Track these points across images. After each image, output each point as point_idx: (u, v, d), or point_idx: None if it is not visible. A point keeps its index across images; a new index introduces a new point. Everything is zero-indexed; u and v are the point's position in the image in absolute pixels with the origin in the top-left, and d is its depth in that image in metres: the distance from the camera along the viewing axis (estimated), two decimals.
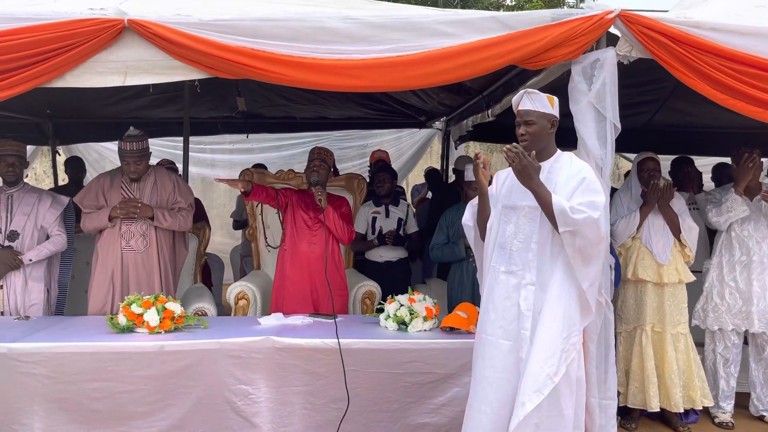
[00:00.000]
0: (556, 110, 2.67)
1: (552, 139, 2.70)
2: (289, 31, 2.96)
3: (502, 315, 2.64)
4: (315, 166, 3.80)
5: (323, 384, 3.02)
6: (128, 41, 2.97)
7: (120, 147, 3.77)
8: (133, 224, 3.69)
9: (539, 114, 2.64)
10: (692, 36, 2.97)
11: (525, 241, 2.65)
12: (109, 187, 3.78)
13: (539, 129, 2.65)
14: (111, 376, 2.91)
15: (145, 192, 3.79)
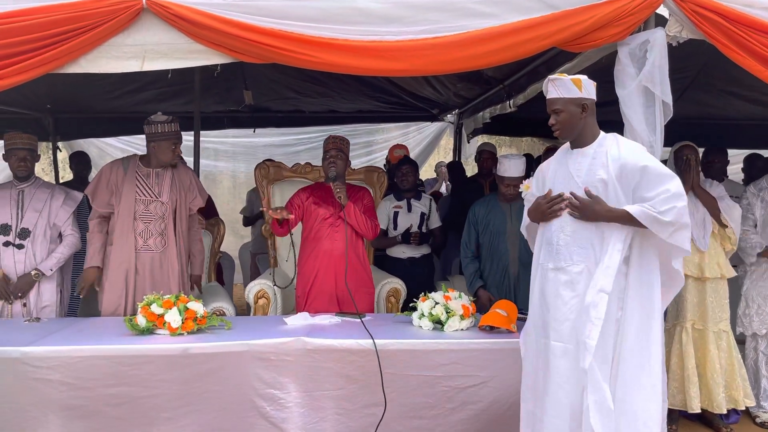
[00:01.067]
0: (587, 91, 2.47)
1: (589, 123, 2.51)
2: (319, 12, 2.78)
3: (554, 315, 2.48)
4: (331, 156, 3.56)
5: (357, 388, 2.84)
6: (147, 23, 2.79)
7: (155, 131, 3.38)
8: (152, 223, 3.43)
9: (565, 100, 2.47)
10: (745, 14, 2.82)
11: (573, 234, 2.49)
12: (123, 179, 3.45)
13: (568, 116, 2.48)
14: (131, 380, 2.71)
15: (164, 188, 3.46)
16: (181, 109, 6.23)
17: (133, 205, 3.39)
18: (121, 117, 6.59)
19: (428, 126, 7.82)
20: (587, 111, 2.48)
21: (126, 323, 2.91)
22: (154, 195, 3.44)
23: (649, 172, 2.38)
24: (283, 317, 3.22)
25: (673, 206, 2.32)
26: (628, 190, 2.40)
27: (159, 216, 3.44)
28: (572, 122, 2.49)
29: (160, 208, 3.44)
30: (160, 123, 3.38)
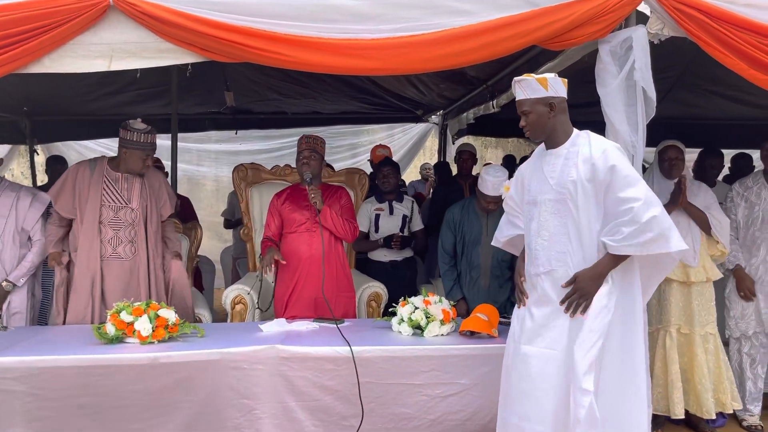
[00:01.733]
0: (554, 90, 2.41)
1: (560, 122, 2.45)
2: (292, 9, 2.70)
3: (538, 321, 2.41)
4: (305, 157, 3.45)
5: (333, 398, 2.75)
6: (114, 21, 2.70)
7: (130, 138, 3.24)
8: (121, 230, 3.31)
9: (532, 101, 2.43)
10: (728, 11, 2.77)
11: (550, 238, 2.43)
12: (89, 182, 3.29)
13: (536, 117, 2.44)
14: (99, 391, 2.61)
15: (134, 193, 3.34)
16: (160, 111, 6.14)
17: (98, 211, 3.27)
18: (100, 119, 6.49)
19: (413, 127, 7.76)
20: (556, 110, 2.43)
21: (94, 332, 2.81)
22: (124, 201, 3.33)
23: (617, 174, 2.32)
24: (259, 324, 3.13)
25: (643, 221, 2.26)
26: (600, 190, 2.35)
27: (129, 223, 3.33)
28: (541, 122, 2.44)
29: (129, 214, 3.33)
30: (136, 131, 3.26)
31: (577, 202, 2.36)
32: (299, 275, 3.43)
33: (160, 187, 3.49)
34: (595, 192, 2.34)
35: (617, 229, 2.30)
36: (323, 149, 3.56)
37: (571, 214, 2.39)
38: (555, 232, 2.41)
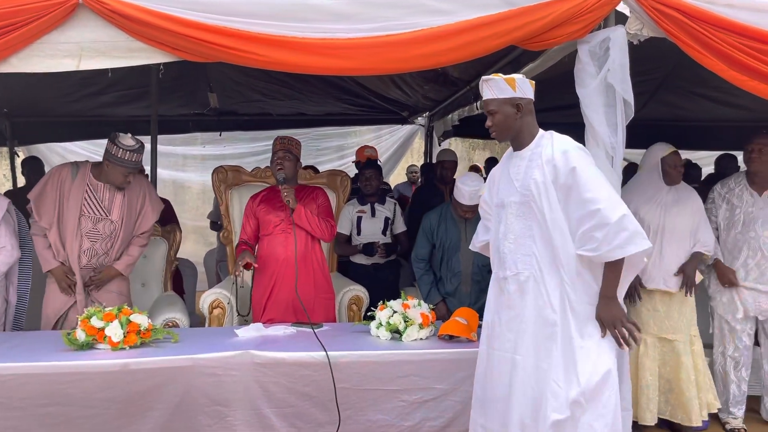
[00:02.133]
0: (522, 91, 2.38)
1: (526, 123, 2.42)
2: (266, 8, 2.64)
3: (508, 326, 2.38)
4: (279, 158, 3.41)
5: (309, 405, 2.69)
6: (83, 20, 2.63)
7: (115, 153, 3.15)
8: (98, 242, 3.27)
9: (499, 101, 2.39)
10: (708, 11, 2.73)
11: (516, 241, 2.40)
12: (69, 188, 3.21)
13: (503, 117, 2.40)
14: (68, 399, 2.54)
15: (114, 204, 3.26)
16: (142, 113, 6.07)
17: (77, 220, 3.21)
18: (82, 120, 6.40)
19: (400, 129, 7.72)
20: (522, 111, 2.39)
21: (64, 338, 2.74)
22: (104, 212, 3.26)
23: (578, 174, 2.27)
24: (235, 329, 3.07)
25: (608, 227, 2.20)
26: (562, 191, 2.30)
27: (107, 235, 3.28)
28: (507, 123, 2.40)
29: (108, 226, 3.28)
30: (122, 148, 3.15)
31: (541, 204, 2.32)
32: (276, 277, 3.38)
33: (144, 198, 3.40)
34: (558, 194, 2.30)
35: (589, 236, 2.23)
36: (298, 150, 3.51)
37: (536, 216, 2.35)
38: (520, 234, 2.38)
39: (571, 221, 2.28)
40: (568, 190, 2.28)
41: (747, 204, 3.61)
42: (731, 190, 3.69)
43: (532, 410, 2.28)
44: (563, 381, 2.23)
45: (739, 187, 3.67)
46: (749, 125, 6.28)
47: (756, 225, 3.57)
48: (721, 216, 3.69)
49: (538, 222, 2.34)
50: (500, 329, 2.40)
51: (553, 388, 2.23)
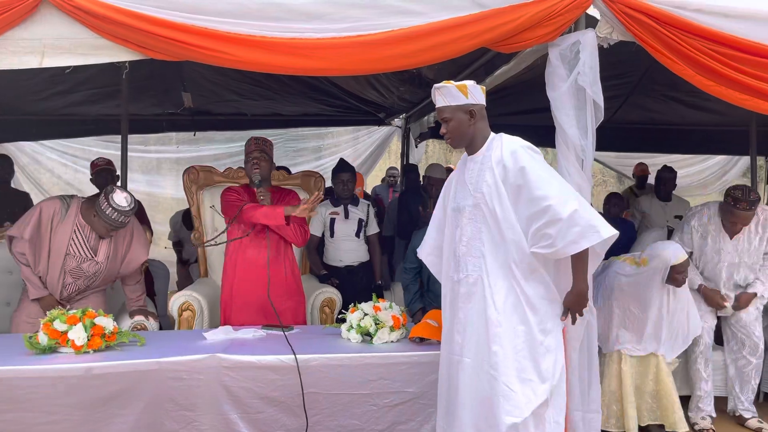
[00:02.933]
0: (474, 97, 2.42)
1: (479, 128, 2.46)
2: (236, 6, 2.62)
3: (455, 328, 2.41)
4: (255, 159, 3.37)
5: (277, 410, 2.66)
6: (46, 16, 2.58)
7: (104, 209, 3.12)
8: (81, 279, 3.30)
9: (452, 108, 2.42)
10: (677, 17, 2.76)
11: (468, 244, 2.41)
12: (57, 224, 3.23)
13: (457, 123, 2.43)
14: (28, 405, 2.48)
15: (101, 247, 3.29)
16: (113, 112, 5.97)
17: (62, 258, 3.23)
18: (51, 119, 6.27)
19: (377, 130, 7.69)
20: (476, 117, 2.43)
21: (25, 341, 2.68)
22: (90, 253, 3.28)
23: (527, 174, 2.29)
24: (204, 331, 3.03)
25: (559, 224, 2.24)
26: (512, 192, 2.32)
27: (91, 274, 3.32)
28: (461, 130, 2.43)
29: (93, 266, 3.30)
30: (113, 207, 3.11)
31: (491, 206, 2.35)
32: (246, 280, 3.33)
33: (130, 238, 3.39)
34: (509, 194, 2.32)
35: (542, 234, 2.26)
36: (272, 152, 3.49)
37: (486, 219, 2.38)
38: (471, 237, 2.41)
39: (522, 220, 2.31)
40: (518, 189, 2.30)
41: (717, 243, 3.69)
42: (704, 225, 3.73)
43: (486, 414, 2.28)
44: (518, 383, 2.23)
45: (712, 225, 3.70)
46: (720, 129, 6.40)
47: (720, 264, 3.70)
48: (695, 246, 3.74)
49: (488, 224, 2.36)
50: (451, 332, 2.43)
51: (503, 390, 2.23)
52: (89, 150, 7.38)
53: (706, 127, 6.40)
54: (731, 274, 3.72)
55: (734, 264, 3.69)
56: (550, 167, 2.37)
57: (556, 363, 2.30)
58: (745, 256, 3.67)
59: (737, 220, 3.56)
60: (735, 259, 3.67)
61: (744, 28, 2.78)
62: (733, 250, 3.66)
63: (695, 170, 8.06)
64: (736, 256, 3.67)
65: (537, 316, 2.30)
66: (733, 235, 3.66)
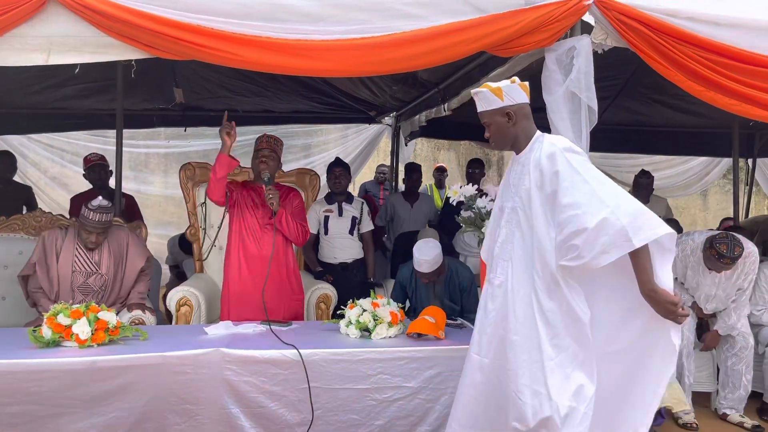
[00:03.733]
0: (510, 98, 2.34)
1: (522, 128, 2.37)
2: (241, 7, 2.66)
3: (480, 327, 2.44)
4: (264, 156, 3.40)
5: (279, 405, 2.71)
6: (53, 14, 2.60)
7: (83, 214, 3.41)
8: (89, 295, 3.46)
9: (490, 112, 2.37)
10: (669, 24, 2.85)
11: (501, 246, 2.40)
12: (61, 246, 3.50)
13: (497, 127, 2.38)
14: (33, 398, 2.51)
15: (102, 260, 3.53)
16: (106, 107, 5.98)
17: (70, 276, 3.46)
18: (42, 113, 6.24)
19: (367, 128, 7.73)
20: (514, 118, 2.35)
21: (29, 335, 2.70)
22: (93, 267, 3.51)
23: (560, 179, 2.20)
24: (204, 326, 3.07)
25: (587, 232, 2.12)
26: (547, 197, 2.24)
27: (98, 288, 3.51)
28: (502, 133, 2.38)
29: (99, 280, 3.51)
30: (89, 209, 3.39)
31: (527, 211, 2.28)
32: (248, 275, 3.37)
33: (127, 245, 3.62)
34: (543, 202, 2.24)
35: (569, 246, 2.15)
36: (281, 151, 3.53)
37: (520, 224, 2.32)
38: (505, 240, 2.37)
39: (554, 227, 2.22)
40: (554, 196, 2.21)
41: (697, 275, 3.84)
42: (686, 257, 3.86)
43: (497, 416, 2.32)
44: (529, 393, 2.21)
45: (694, 258, 3.83)
46: (703, 131, 6.56)
47: (698, 294, 3.88)
48: (680, 273, 3.89)
49: (521, 230, 2.31)
50: (478, 330, 2.43)
51: (512, 398, 2.24)
52: (76, 143, 7.35)
53: (689, 129, 6.55)
54: (705, 303, 3.89)
55: (710, 295, 3.86)
56: (591, 169, 2.23)
57: (569, 382, 2.18)
58: (720, 289, 3.81)
59: (718, 271, 3.69)
60: (712, 291, 3.84)
61: (733, 36, 2.89)
62: (711, 282, 3.82)
63: (678, 171, 8.21)
64: (714, 288, 3.82)
65: (551, 331, 2.21)
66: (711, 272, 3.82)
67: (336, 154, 7.07)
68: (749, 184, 7.73)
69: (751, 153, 7.28)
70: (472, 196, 2.97)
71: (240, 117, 6.74)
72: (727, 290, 3.79)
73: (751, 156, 7.41)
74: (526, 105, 2.39)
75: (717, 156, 7.63)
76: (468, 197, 2.98)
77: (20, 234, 3.95)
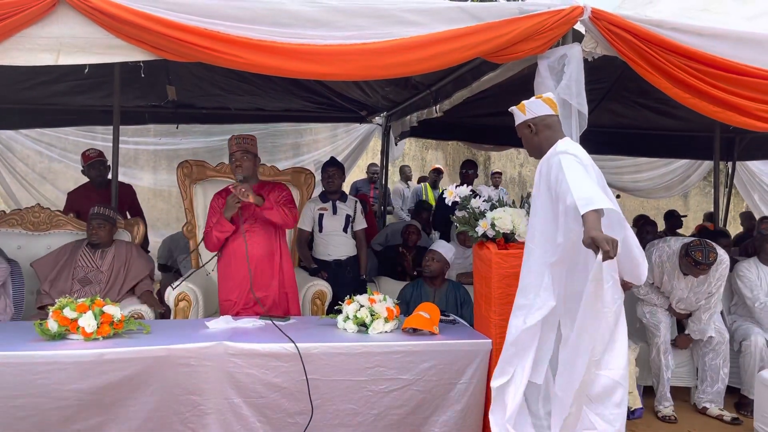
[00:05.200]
0: (531, 112, 2.69)
1: (545, 137, 2.69)
2: (247, 12, 2.75)
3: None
4: (237, 159, 3.47)
5: (280, 395, 2.81)
6: (62, 15, 2.68)
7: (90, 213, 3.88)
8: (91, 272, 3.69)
9: (519, 126, 2.74)
10: (656, 34, 2.99)
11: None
12: (69, 257, 3.79)
13: (525, 138, 2.74)
14: (40, 390, 2.58)
15: (105, 261, 3.80)
16: (99, 103, 6.00)
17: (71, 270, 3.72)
18: (34, 109, 6.24)
19: (357, 128, 7.82)
20: (535, 129, 2.68)
21: (36, 328, 2.77)
22: (95, 264, 3.77)
23: (560, 183, 2.48)
24: (205, 320, 3.15)
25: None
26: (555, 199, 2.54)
27: (95, 282, 3.72)
28: (530, 143, 2.73)
29: (97, 275, 3.75)
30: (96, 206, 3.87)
31: (536, 209, 2.64)
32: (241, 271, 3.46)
33: (130, 255, 3.87)
34: (552, 201, 2.56)
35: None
36: (255, 147, 3.57)
37: (532, 221, 2.69)
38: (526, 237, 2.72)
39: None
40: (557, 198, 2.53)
41: (672, 279, 4.02)
42: (662, 263, 4.04)
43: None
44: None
45: (669, 264, 4.01)
46: (685, 135, 6.74)
47: (671, 296, 4.07)
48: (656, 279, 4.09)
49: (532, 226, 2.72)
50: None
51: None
52: (66, 139, 7.36)
53: (672, 132, 6.72)
54: (677, 304, 4.07)
55: (683, 299, 4.04)
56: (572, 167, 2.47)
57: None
58: (692, 293, 4.00)
59: (696, 276, 3.90)
60: (684, 295, 4.02)
61: (716, 46, 3.03)
62: (684, 287, 4.01)
63: (660, 173, 8.40)
64: (686, 291, 4.01)
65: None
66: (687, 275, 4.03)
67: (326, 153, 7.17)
68: (729, 186, 7.94)
69: (731, 156, 7.48)
70: (466, 197, 3.09)
71: (231, 115, 6.89)
72: (697, 294, 3.98)
73: (731, 159, 7.62)
74: (547, 116, 2.69)
75: (698, 159, 7.82)
76: (463, 198, 3.09)
77: (18, 229, 4.00)
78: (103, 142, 7.37)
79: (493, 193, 3.24)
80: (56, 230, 4.08)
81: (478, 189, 3.38)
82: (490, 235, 2.99)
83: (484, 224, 2.98)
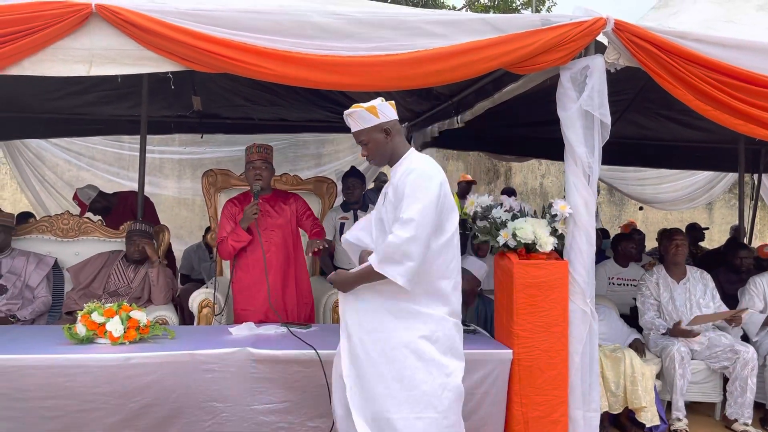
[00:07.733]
0: (384, 116, 2.51)
1: (396, 144, 2.53)
2: (273, 24, 2.80)
3: None
4: (257, 168, 3.49)
5: (301, 400, 2.84)
6: (95, 28, 2.76)
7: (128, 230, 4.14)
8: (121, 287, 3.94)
9: (367, 130, 2.51)
10: (679, 46, 2.98)
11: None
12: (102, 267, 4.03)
13: (375, 144, 2.51)
14: (68, 392, 2.64)
15: (137, 278, 4.03)
16: (126, 113, 6.12)
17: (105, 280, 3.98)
18: (63, 118, 6.39)
19: None
20: (391, 134, 2.51)
21: (65, 332, 2.84)
22: (126, 281, 4.00)
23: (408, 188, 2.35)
24: (228, 327, 3.20)
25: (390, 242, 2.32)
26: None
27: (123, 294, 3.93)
28: (380, 149, 2.51)
29: (127, 290, 3.95)
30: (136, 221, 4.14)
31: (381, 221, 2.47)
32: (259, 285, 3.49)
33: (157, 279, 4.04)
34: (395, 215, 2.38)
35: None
36: (272, 157, 3.62)
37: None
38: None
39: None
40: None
41: (668, 290, 4.18)
42: (657, 287, 4.21)
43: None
44: None
45: (661, 279, 4.20)
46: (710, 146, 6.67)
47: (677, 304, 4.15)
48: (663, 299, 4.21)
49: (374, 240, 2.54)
50: None
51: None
52: (93, 148, 7.52)
53: (696, 144, 6.66)
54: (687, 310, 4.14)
55: (683, 304, 4.14)
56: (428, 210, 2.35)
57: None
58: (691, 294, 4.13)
59: (678, 251, 4.08)
60: (684, 299, 4.15)
61: (740, 58, 3.02)
62: (682, 291, 4.13)
63: (683, 184, 8.33)
64: (685, 292, 4.13)
65: None
66: (679, 279, 4.19)
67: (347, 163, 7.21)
68: (754, 199, 7.83)
69: (757, 169, 7.38)
70: (488, 207, 3.10)
71: (255, 125, 6.98)
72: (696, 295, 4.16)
73: (756, 171, 7.52)
74: (397, 122, 2.57)
75: (723, 171, 7.73)
76: (484, 207, 3.11)
77: (48, 235, 4.10)
78: (130, 152, 7.55)
79: (514, 204, 3.24)
80: (85, 237, 4.19)
81: (501, 199, 3.40)
82: (512, 245, 2.99)
83: (505, 234, 2.99)
